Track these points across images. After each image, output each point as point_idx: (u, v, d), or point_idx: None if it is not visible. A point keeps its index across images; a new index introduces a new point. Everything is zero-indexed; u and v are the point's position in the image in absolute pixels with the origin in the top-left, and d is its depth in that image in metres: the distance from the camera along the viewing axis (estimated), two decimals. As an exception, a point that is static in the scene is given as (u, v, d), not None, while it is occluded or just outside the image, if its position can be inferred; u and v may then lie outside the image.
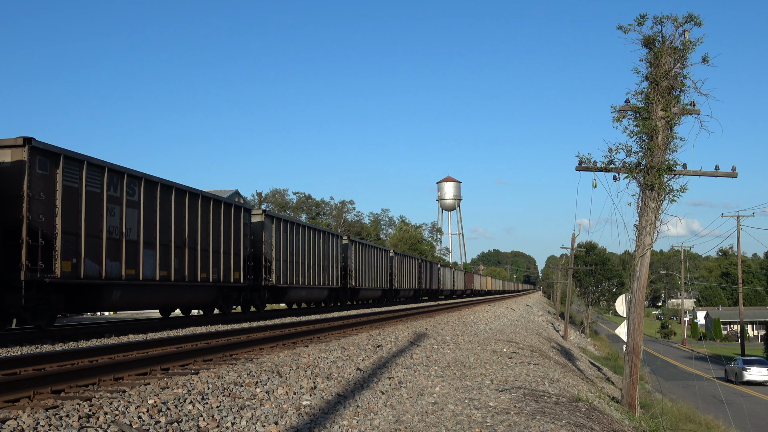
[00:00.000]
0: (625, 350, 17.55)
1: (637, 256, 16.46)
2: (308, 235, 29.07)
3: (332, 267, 32.25)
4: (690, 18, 15.62)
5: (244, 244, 22.54)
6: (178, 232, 18.15)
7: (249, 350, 11.80)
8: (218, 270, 20.48)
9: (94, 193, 14.82)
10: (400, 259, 46.69)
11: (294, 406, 7.92)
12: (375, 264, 40.16)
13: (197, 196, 19.44)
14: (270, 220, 24.91)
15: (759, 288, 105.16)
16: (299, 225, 28.26)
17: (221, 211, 20.90)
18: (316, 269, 29.68)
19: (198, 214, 19.30)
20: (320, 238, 30.70)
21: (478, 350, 16.40)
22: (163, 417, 6.58)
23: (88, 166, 14.62)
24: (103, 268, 14.96)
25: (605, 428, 9.70)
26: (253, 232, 23.75)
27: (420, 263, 54.33)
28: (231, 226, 21.55)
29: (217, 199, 20.70)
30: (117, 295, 15.88)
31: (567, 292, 64.63)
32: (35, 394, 6.97)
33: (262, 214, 24.34)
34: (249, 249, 23.01)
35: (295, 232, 27.44)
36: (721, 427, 22.88)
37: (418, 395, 9.79)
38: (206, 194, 20.10)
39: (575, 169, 17.66)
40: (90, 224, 14.61)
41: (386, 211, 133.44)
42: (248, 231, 23.08)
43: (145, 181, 16.75)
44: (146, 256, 16.65)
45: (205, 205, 19.88)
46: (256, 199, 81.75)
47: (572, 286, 71.66)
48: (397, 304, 41.72)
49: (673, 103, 15.98)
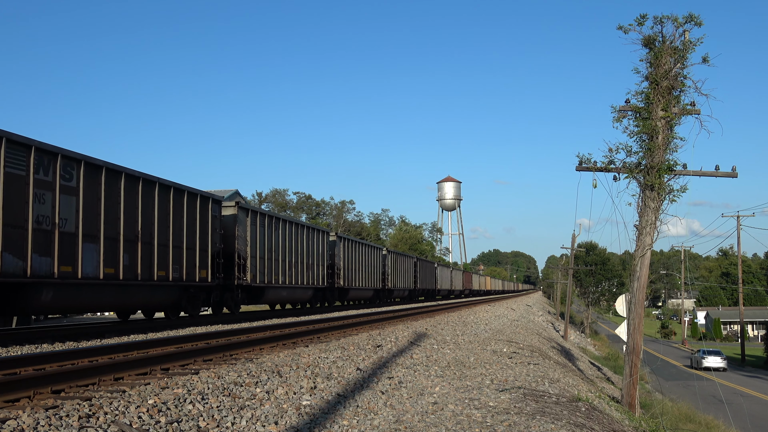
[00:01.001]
0: (625, 350, 17.55)
1: (637, 256, 16.46)
2: (290, 230, 26.81)
3: (318, 265, 30.10)
4: (690, 18, 15.62)
5: (212, 239, 20.30)
6: (129, 223, 16.05)
7: (249, 350, 11.80)
8: (180, 267, 18.27)
9: (16, 176, 12.73)
10: (394, 258, 44.86)
11: (294, 406, 7.92)
12: (366, 262, 38.28)
13: (153, 183, 17.16)
14: (244, 213, 22.64)
15: (759, 288, 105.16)
16: (279, 219, 25.95)
17: (184, 202, 18.62)
18: (299, 267, 27.50)
19: (155, 204, 17.11)
20: (304, 234, 28.47)
21: (478, 350, 16.39)
22: (163, 417, 6.58)
23: (8, 144, 12.54)
24: (28, 264, 12.90)
25: (605, 428, 9.70)
26: (225, 226, 21.57)
27: (416, 262, 52.83)
28: (197, 219, 19.31)
29: (178, 188, 18.42)
30: (48, 296, 13.74)
31: (567, 292, 64.65)
32: (35, 394, 6.96)
33: (235, 207, 22.03)
34: (219, 245, 20.86)
35: (275, 226, 25.13)
36: (721, 427, 22.89)
37: (418, 395, 9.79)
38: (165, 182, 17.82)
39: (575, 169, 17.66)
40: (11, 212, 12.56)
41: (386, 211, 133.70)
42: (218, 225, 20.86)
43: (85, 164, 14.51)
44: (87, 250, 14.49)
45: (163, 194, 17.64)
46: (256, 199, 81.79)
47: (572, 286, 71.68)
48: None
49: (673, 103, 15.99)
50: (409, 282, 49.36)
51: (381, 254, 42.03)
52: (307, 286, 28.68)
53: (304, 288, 28.40)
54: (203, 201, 19.82)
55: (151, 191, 17.12)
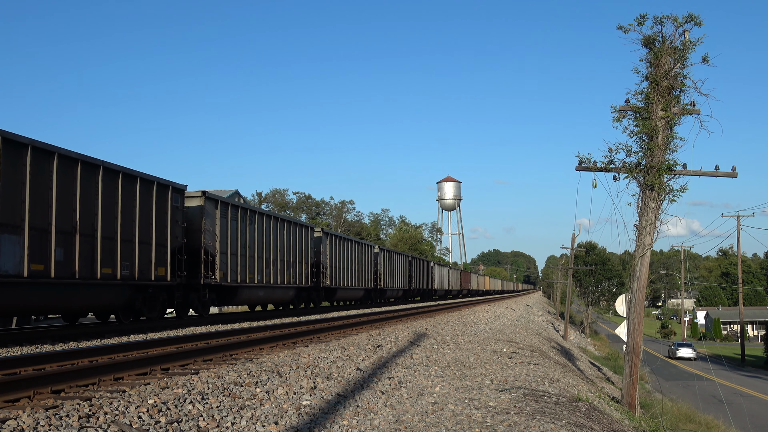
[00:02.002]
0: (625, 350, 17.55)
1: (637, 256, 16.46)
2: (268, 224, 24.52)
3: (301, 263, 27.81)
4: (690, 18, 15.62)
5: (172, 232, 17.92)
6: (63, 213, 13.87)
7: (249, 350, 11.81)
8: (131, 264, 16.02)
9: None
10: (386, 256, 42.67)
11: (294, 406, 7.92)
12: (356, 260, 36.08)
13: (96, 167, 14.85)
14: (213, 205, 20.41)
15: (759, 288, 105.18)
16: (255, 213, 23.64)
17: (137, 190, 16.33)
18: (278, 265, 25.26)
19: (98, 191, 14.84)
20: (285, 230, 26.18)
21: (478, 350, 16.39)
22: (163, 417, 6.58)
23: None
24: None
25: (605, 428, 9.70)
26: (189, 218, 19.30)
27: (410, 260, 50.71)
28: (153, 210, 17.04)
29: (129, 174, 16.03)
30: None
31: (567, 292, 64.65)
32: (35, 394, 6.96)
33: (201, 197, 19.76)
34: (181, 239, 18.47)
35: (249, 221, 22.87)
36: (721, 427, 22.88)
37: (418, 395, 9.78)
38: (112, 166, 15.48)
39: (575, 169, 17.66)
40: None
41: (386, 211, 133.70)
42: (180, 217, 18.43)
43: (3, 140, 12.37)
44: (6, 243, 12.41)
45: (109, 180, 15.28)
46: (256, 199, 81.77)
47: (572, 286, 71.71)
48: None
49: (673, 103, 15.99)
50: (403, 282, 47.51)
51: (373, 252, 40.10)
52: (289, 285, 26.62)
53: (284, 288, 26.35)
54: (161, 189, 17.55)
55: (93, 176, 14.81)
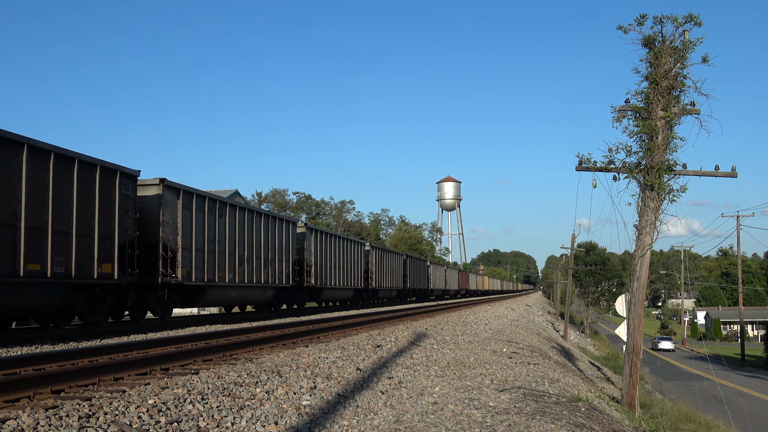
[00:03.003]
0: (625, 350, 17.55)
1: (637, 256, 16.46)
2: (242, 218, 22.53)
3: (281, 261, 25.74)
4: (690, 18, 15.62)
5: (122, 224, 15.90)
6: None
7: (249, 350, 11.81)
8: (67, 260, 14.08)
9: None
10: (378, 254, 40.61)
11: (294, 406, 7.92)
12: (345, 259, 34.10)
13: (20, 145, 12.88)
14: (173, 194, 18.43)
15: (759, 288, 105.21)
16: (226, 204, 21.56)
17: (74, 174, 14.31)
18: (254, 263, 23.24)
19: (21, 173, 12.88)
20: (263, 224, 24.24)
21: (478, 350, 16.39)
22: (163, 417, 6.58)
23: None
24: None
25: (605, 428, 9.70)
26: (145, 209, 17.46)
27: (405, 259, 48.71)
28: (95, 198, 14.98)
29: (64, 155, 14.04)
30: None
31: (567, 292, 64.66)
32: (35, 394, 6.96)
33: (159, 185, 17.88)
34: (133, 232, 16.44)
35: (219, 213, 20.85)
36: (721, 427, 22.88)
37: (418, 395, 9.79)
38: (41, 145, 13.45)
39: (575, 169, 17.66)
40: None
41: (386, 211, 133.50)
42: (132, 206, 16.43)
43: None
44: None
45: (37, 161, 13.30)
46: (256, 199, 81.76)
47: (572, 286, 71.75)
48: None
49: (673, 103, 15.99)
50: (397, 281, 45.52)
51: (363, 250, 37.99)
52: (267, 285, 24.49)
53: (262, 287, 24.25)
54: (106, 174, 15.39)
55: (16, 156, 12.76)
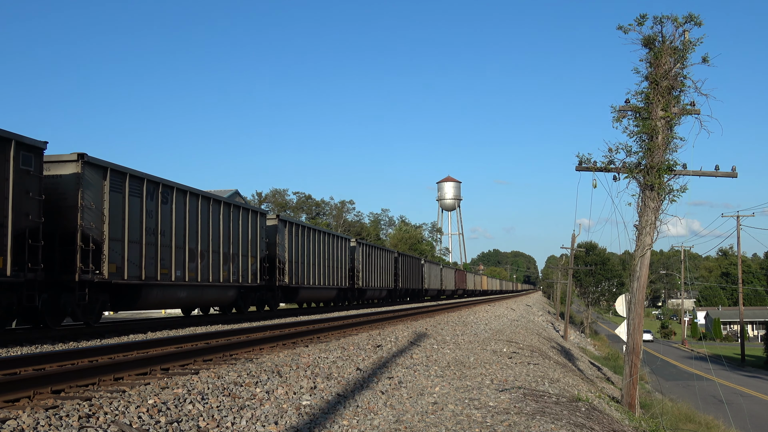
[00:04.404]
0: (625, 350, 17.55)
1: (637, 256, 16.46)
2: (194, 206, 19.36)
3: (247, 256, 22.89)
4: (690, 18, 15.61)
5: (18, 207, 12.62)
6: None
7: (249, 350, 11.81)
8: None
9: None
10: (366, 251, 38.07)
11: (294, 406, 7.92)
12: (326, 255, 31.52)
13: None
14: (98, 174, 14.91)
15: (759, 288, 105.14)
16: (172, 189, 18.21)
17: None
18: (210, 258, 20.22)
19: None
20: (221, 214, 21.09)
21: (478, 350, 16.39)
22: (163, 417, 6.58)
23: None
24: None
25: (605, 428, 9.70)
26: (58, 190, 14.28)
27: (396, 257, 45.82)
28: None
29: None
30: None
31: (567, 292, 64.65)
32: (35, 394, 6.97)
33: (78, 162, 14.36)
34: (37, 218, 13.11)
35: (163, 199, 17.64)
36: (721, 427, 22.87)
37: (418, 395, 9.78)
38: None
39: (575, 169, 17.64)
40: None
41: (386, 211, 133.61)
42: (36, 186, 13.13)
43: None
44: None
45: None
46: (256, 199, 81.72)
47: (572, 286, 71.71)
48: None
49: (673, 103, 15.98)
50: (387, 280, 42.86)
51: (348, 246, 35.60)
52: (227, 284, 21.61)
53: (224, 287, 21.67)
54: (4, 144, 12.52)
55: None
